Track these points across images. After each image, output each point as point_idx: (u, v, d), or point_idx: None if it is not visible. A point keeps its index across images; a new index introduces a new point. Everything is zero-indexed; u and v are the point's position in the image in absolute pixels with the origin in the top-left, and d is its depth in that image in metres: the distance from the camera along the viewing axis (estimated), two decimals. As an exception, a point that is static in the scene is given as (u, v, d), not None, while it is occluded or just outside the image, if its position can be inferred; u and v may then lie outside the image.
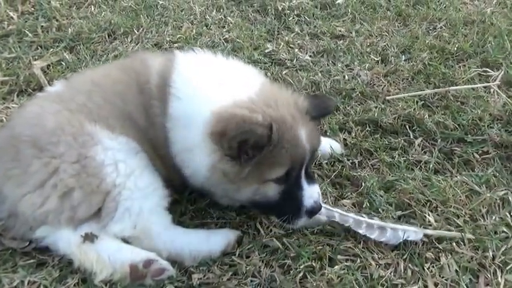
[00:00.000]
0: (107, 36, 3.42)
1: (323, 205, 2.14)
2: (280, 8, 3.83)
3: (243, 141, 1.88)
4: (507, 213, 2.27)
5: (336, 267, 2.02)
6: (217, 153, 1.96)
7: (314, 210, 2.04)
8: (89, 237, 1.96)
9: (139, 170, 2.08)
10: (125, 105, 2.17)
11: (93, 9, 3.72)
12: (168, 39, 3.44)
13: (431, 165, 2.55)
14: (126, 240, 2.02)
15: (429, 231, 2.16)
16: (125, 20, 3.56)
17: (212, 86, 2.09)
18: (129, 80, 2.22)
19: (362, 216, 2.19)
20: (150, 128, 2.17)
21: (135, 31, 3.48)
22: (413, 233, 2.14)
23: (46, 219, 1.97)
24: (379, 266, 2.04)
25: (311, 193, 2.05)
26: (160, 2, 3.85)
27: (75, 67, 3.09)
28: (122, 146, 2.08)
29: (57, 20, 3.56)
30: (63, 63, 3.14)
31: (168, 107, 2.10)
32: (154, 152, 2.21)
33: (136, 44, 3.37)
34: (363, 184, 2.41)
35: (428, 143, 2.71)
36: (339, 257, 2.07)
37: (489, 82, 3.11)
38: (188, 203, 2.32)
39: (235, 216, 2.26)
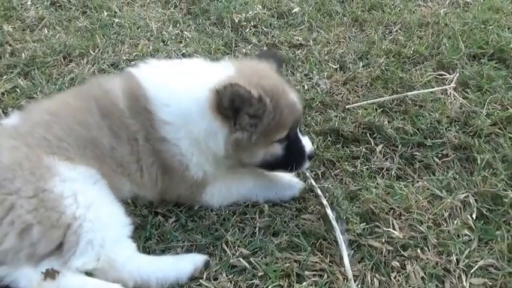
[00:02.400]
0: (62, 59, 3.33)
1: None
2: (236, 20, 3.82)
3: (238, 107, 2.09)
4: (468, 216, 2.32)
5: (304, 283, 2.03)
6: (225, 127, 2.15)
7: (312, 155, 2.37)
8: (50, 274, 1.90)
9: (100, 199, 2.05)
10: (87, 131, 2.17)
11: (47, 31, 3.62)
12: (124, 58, 3.38)
13: (393, 172, 2.59)
14: (89, 273, 1.97)
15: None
16: (80, 41, 3.49)
17: (192, 77, 2.25)
18: (89, 107, 2.22)
19: None
20: (121, 147, 2.21)
21: (91, 52, 3.41)
22: None
23: (5, 258, 1.91)
24: (346, 279, 2.05)
25: (307, 142, 2.35)
26: (116, 20, 3.78)
27: (31, 93, 3.00)
28: (81, 176, 2.05)
29: (10, 45, 3.45)
30: (17, 89, 3.04)
31: (154, 119, 2.19)
32: (122, 172, 2.23)
33: (93, 65, 3.30)
34: (327, 195, 2.42)
35: (390, 149, 2.75)
36: (306, 273, 2.08)
37: (445, 84, 3.18)
38: (153, 227, 2.28)
39: (201, 238, 2.24)
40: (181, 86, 2.23)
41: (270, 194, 2.42)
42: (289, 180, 2.47)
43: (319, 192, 2.40)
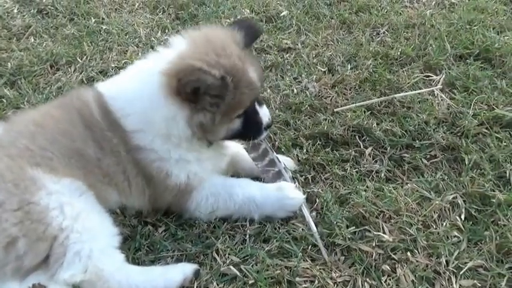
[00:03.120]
0: (49, 68, 3.29)
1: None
2: (225, 25, 3.78)
3: (197, 88, 2.01)
4: (457, 217, 2.30)
5: (295, 290, 2.00)
6: (185, 109, 2.08)
7: (269, 125, 2.34)
8: (38, 289, 1.87)
9: (86, 210, 2.02)
10: (71, 142, 2.13)
11: (33, 40, 3.58)
12: (113, 65, 3.34)
13: (382, 174, 2.56)
14: (77, 286, 1.92)
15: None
16: (68, 49, 3.44)
17: (140, 72, 2.25)
18: (72, 117, 2.19)
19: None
20: (106, 158, 2.17)
21: (79, 60, 3.36)
22: None
23: None
24: (337, 285, 2.03)
25: (264, 112, 2.31)
26: (104, 27, 3.74)
27: (17, 103, 2.96)
28: (66, 188, 2.01)
29: (-4, 55, 3.40)
30: (4, 100, 2.99)
31: (124, 130, 2.17)
32: (109, 182, 2.19)
33: (81, 73, 3.25)
34: (317, 200, 2.40)
35: (379, 151, 2.73)
36: (297, 279, 2.04)
37: (432, 85, 3.16)
38: (142, 237, 2.24)
39: (191, 247, 2.20)
40: (131, 88, 2.21)
41: (262, 212, 2.30)
42: (283, 199, 2.31)
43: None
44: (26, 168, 1.98)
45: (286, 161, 2.57)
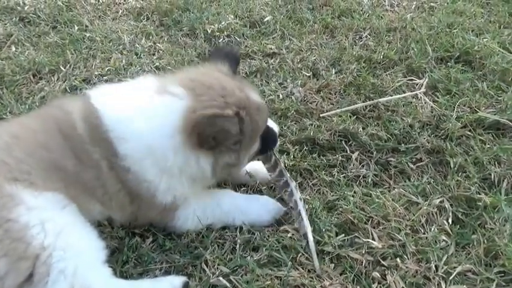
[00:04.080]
0: (31, 77, 3.15)
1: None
2: (209, 31, 3.71)
3: (218, 135, 1.97)
4: (445, 221, 2.26)
5: (286, 300, 1.93)
6: (209, 156, 2.03)
7: (279, 132, 2.43)
8: (21, 310, 1.76)
9: (70, 225, 1.90)
10: (50, 153, 2.01)
11: (15, 48, 3.43)
12: (96, 73, 3.22)
13: (369, 179, 2.51)
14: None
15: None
16: (50, 57, 3.31)
17: (149, 111, 2.03)
18: (50, 129, 2.06)
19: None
20: (85, 171, 2.04)
21: (62, 68, 3.24)
22: None
23: None
24: (328, 294, 1.97)
25: (272, 123, 2.35)
26: (87, 35, 3.62)
27: (0, 114, 2.83)
28: (48, 202, 1.89)
29: (-23, 65, 3.26)
30: (-15, 111, 2.86)
31: (116, 149, 2.01)
32: (90, 195, 2.07)
33: (64, 82, 3.12)
34: (306, 207, 2.33)
35: (365, 156, 2.68)
36: (288, 289, 1.98)
37: (416, 88, 3.13)
38: (130, 250, 2.15)
39: (180, 258, 2.12)
40: (141, 121, 2.01)
41: (248, 218, 2.26)
42: (267, 204, 2.32)
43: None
44: (3, 185, 1.85)
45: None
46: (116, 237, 2.19)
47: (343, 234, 2.18)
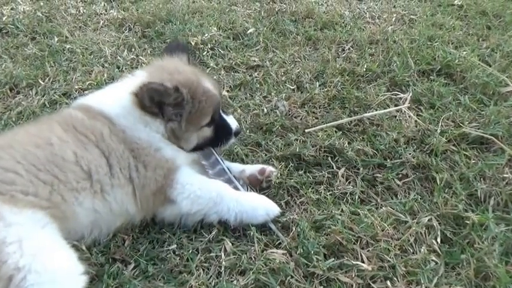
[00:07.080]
0: (8, 91, 2.95)
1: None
2: (193, 43, 3.55)
3: (158, 101, 2.17)
4: (433, 241, 2.14)
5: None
6: (157, 121, 2.23)
7: (238, 131, 2.50)
8: None
9: (48, 246, 1.73)
10: (44, 150, 1.96)
11: (-9, 61, 3.23)
12: (77, 86, 3.04)
13: (356, 197, 2.39)
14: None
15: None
16: (29, 70, 3.11)
17: (114, 95, 2.30)
18: (51, 127, 2.10)
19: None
20: (88, 154, 2.05)
21: (41, 82, 3.04)
22: None
23: None
24: (318, 321, 1.83)
25: (232, 121, 2.47)
26: (67, 46, 3.42)
27: (-25, 130, 2.62)
28: (28, 220, 1.73)
29: (-48, 78, 3.03)
30: (-41, 127, 2.65)
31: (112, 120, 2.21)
32: (88, 179, 2.03)
33: (43, 96, 2.93)
34: (294, 228, 2.20)
35: (351, 171, 2.55)
36: (277, 317, 1.84)
37: (400, 103, 3.03)
38: (110, 277, 1.97)
39: (163, 285, 1.95)
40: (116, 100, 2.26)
41: (243, 208, 2.20)
42: (263, 200, 2.28)
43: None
44: None
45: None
46: (94, 264, 2.01)
47: (333, 259, 2.04)
